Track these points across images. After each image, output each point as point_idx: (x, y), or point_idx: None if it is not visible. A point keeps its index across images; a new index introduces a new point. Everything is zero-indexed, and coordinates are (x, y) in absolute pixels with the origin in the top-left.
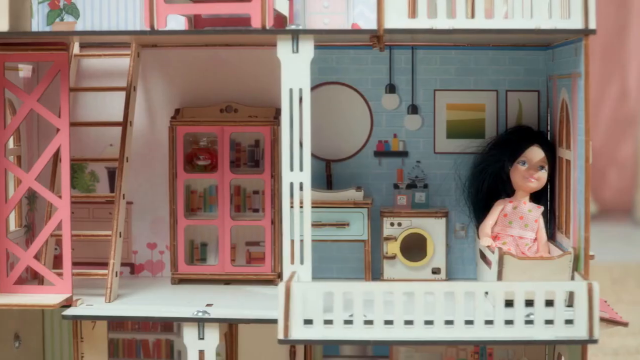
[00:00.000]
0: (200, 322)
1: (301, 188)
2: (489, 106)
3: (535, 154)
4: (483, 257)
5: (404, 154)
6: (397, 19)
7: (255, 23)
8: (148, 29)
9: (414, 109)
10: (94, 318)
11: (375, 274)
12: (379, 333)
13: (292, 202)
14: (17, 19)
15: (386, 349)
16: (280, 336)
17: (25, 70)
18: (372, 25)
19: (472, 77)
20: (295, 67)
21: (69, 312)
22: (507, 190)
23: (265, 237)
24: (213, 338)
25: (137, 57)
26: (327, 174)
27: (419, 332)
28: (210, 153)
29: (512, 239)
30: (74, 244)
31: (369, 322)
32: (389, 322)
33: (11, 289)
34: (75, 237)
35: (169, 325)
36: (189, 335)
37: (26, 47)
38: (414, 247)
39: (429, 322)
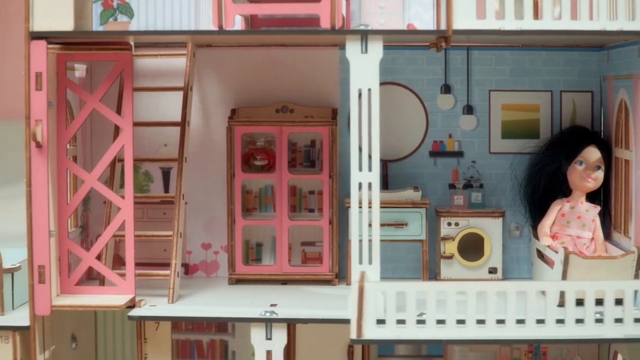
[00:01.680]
0: (268, 323)
1: (370, 188)
2: (543, 106)
3: (593, 154)
4: (541, 256)
5: (459, 154)
6: (465, 20)
7: (325, 23)
8: (215, 28)
9: (469, 109)
10: (160, 319)
11: (430, 273)
12: (451, 332)
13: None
14: (79, 19)
15: (441, 349)
16: (353, 336)
17: (80, 70)
18: (427, 25)
19: (526, 77)
20: (363, 67)
21: (134, 312)
22: (563, 191)
23: (323, 237)
24: (280, 338)
25: (193, 57)
26: (383, 174)
27: (491, 331)
28: (267, 153)
29: (570, 239)
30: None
31: (441, 322)
32: (461, 322)
33: (72, 290)
34: (137, 237)
35: (224, 325)
36: (257, 335)
37: (89, 46)
38: (471, 247)
39: (500, 321)
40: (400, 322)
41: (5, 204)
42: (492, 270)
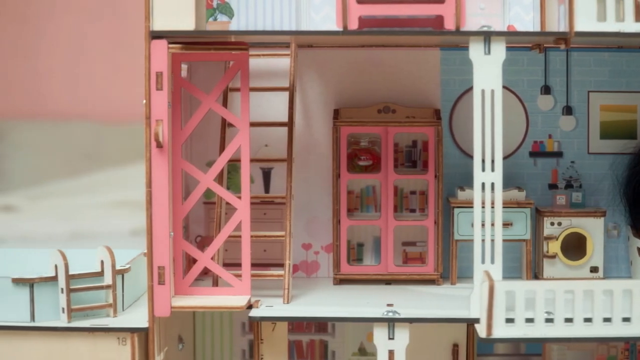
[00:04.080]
0: (391, 322)
1: (492, 188)
2: None
3: None
4: None
5: (558, 154)
6: (587, 22)
7: (449, 24)
8: (340, 29)
9: (568, 110)
10: (281, 319)
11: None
12: (579, 331)
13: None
14: (197, 19)
15: (539, 347)
16: (483, 335)
17: (183, 70)
18: (527, 27)
19: (624, 78)
20: (487, 68)
21: (255, 313)
22: None
23: (428, 237)
24: (403, 338)
25: (296, 57)
26: None
27: (618, 329)
28: (371, 153)
29: None
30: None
31: (569, 320)
32: (588, 320)
33: (187, 291)
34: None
35: (323, 325)
36: (379, 335)
37: (208, 46)
38: (572, 246)
39: (626, 319)
40: (529, 320)
41: (29, 204)
42: (594, 270)
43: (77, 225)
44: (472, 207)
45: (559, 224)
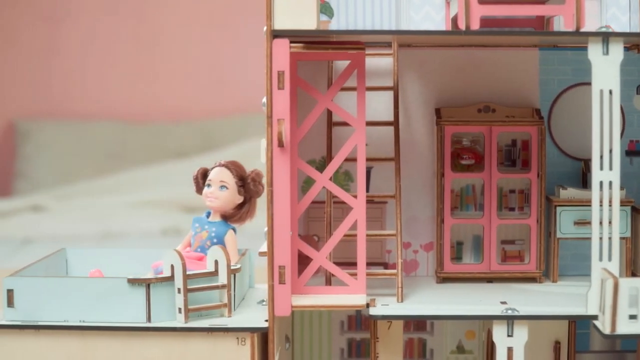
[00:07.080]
0: (510, 320)
1: (610, 187)
2: None
3: None
4: None
5: None
6: None
7: (568, 25)
8: (462, 29)
9: None
10: (402, 317)
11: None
12: None
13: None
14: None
15: (634, 343)
16: (607, 331)
17: None
18: (624, 27)
19: None
20: (605, 68)
21: (374, 312)
22: None
23: (530, 236)
24: (521, 335)
25: (398, 56)
26: (583, 172)
27: None
28: (474, 152)
29: None
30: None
31: None
32: None
33: (303, 290)
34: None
35: (422, 323)
36: (498, 332)
37: (326, 45)
38: None
39: None
40: None
41: (57, 204)
42: None
43: (106, 226)
44: (575, 205)
45: None
